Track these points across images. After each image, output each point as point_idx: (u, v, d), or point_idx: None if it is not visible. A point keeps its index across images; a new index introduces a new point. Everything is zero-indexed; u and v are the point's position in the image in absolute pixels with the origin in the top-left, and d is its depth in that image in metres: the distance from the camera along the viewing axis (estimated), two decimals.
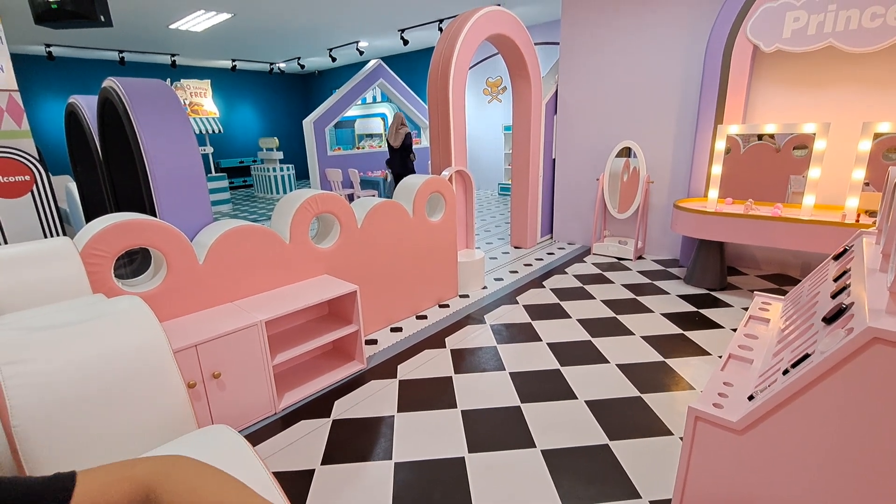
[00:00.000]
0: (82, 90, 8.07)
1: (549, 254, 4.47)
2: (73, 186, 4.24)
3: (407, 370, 2.42)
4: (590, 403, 2.07)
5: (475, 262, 3.46)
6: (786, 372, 1.11)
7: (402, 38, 7.33)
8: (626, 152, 4.29)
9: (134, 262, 2.80)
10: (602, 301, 3.24)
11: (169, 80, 9.12)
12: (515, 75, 4.25)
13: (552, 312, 3.08)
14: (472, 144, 8.25)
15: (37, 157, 3.98)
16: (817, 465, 1.05)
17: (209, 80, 9.71)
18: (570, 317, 3.00)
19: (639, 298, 3.27)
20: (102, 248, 1.74)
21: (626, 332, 2.77)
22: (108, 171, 3.04)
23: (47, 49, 7.81)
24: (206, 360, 1.81)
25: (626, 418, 1.96)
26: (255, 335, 1.95)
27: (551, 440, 1.84)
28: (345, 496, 1.60)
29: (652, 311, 3.04)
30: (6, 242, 3.95)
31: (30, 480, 0.46)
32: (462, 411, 2.05)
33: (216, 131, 9.58)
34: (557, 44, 4.75)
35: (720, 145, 3.45)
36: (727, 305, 3.11)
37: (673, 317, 2.95)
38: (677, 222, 3.43)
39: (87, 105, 3.36)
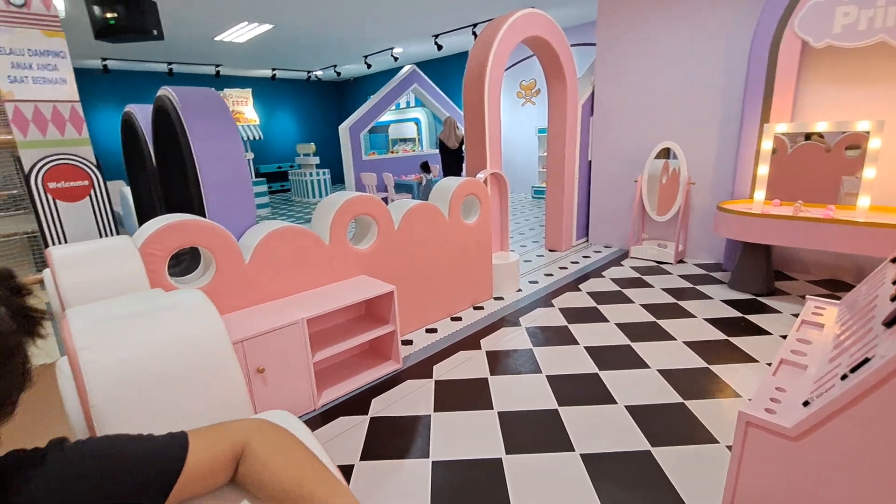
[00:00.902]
0: (134, 100, 8.54)
1: (584, 257, 4.40)
2: (128, 191, 4.50)
3: (442, 371, 2.43)
4: (630, 409, 2.02)
5: (510, 264, 3.45)
6: (844, 377, 1.06)
7: (436, 43, 7.42)
8: (665, 153, 4.18)
9: (181, 264, 2.94)
10: (641, 305, 3.16)
11: (213, 89, 9.54)
12: (551, 77, 4.22)
13: (589, 316, 3.03)
14: (506, 148, 8.22)
15: (95, 163, 4.25)
16: (876, 473, 1.00)
17: (250, 89, 10.10)
18: (608, 321, 2.94)
19: (680, 303, 3.18)
20: (157, 247, 1.84)
21: (667, 336, 2.69)
22: (159, 175, 3.21)
23: (103, 62, 8.33)
24: (252, 355, 1.88)
25: (668, 424, 1.90)
26: (298, 332, 2.01)
27: (591, 444, 1.81)
28: (385, 491, 1.63)
29: (694, 316, 2.95)
30: (66, 243, 4.21)
31: (154, 438, 0.53)
32: (499, 413, 2.04)
33: (256, 138, 9.95)
34: (593, 45, 4.70)
35: (766, 145, 3.32)
36: (775, 311, 2.97)
37: (717, 322, 2.85)
38: (721, 225, 3.31)
39: (142, 113, 3.56)
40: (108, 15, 4.31)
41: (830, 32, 3.01)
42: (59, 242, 4.17)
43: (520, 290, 3.54)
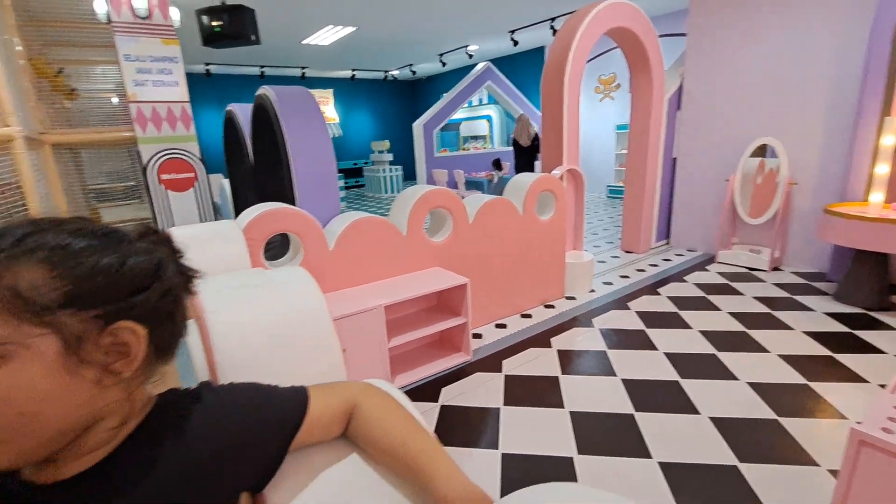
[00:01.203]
0: (232, 101, 9.35)
1: (664, 260, 4.17)
2: (226, 183, 4.94)
3: (512, 366, 2.43)
4: (715, 420, 1.90)
5: (583, 263, 3.35)
6: None
7: (512, 39, 7.36)
8: (761, 151, 3.83)
9: (270, 250, 3.18)
10: (729, 313, 2.94)
11: (303, 87, 10.19)
12: (636, 70, 4.03)
13: (669, 321, 2.87)
14: (581, 145, 7.97)
15: (200, 157, 4.72)
16: None
17: (331, 90, 10.67)
18: (691, 327, 2.77)
19: (775, 313, 2.91)
20: (256, 232, 2.01)
21: (758, 348, 2.48)
22: (255, 168, 3.49)
23: (206, 67, 9.21)
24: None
25: (758, 441, 1.76)
26: (377, 318, 2.10)
27: (669, 453, 1.72)
28: None
29: (791, 329, 2.68)
30: None
31: (281, 388, 0.60)
32: (570, 412, 2.00)
33: (335, 136, 10.47)
34: (683, 35, 4.41)
35: (888, 141, 2.93)
36: (889, 328, 2.63)
37: (819, 336, 2.57)
38: (828, 230, 2.98)
39: (242, 112, 3.90)
40: (215, 23, 4.74)
41: None
42: (170, 227, 4.68)
43: (593, 291, 3.44)
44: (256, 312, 0.85)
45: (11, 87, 3.73)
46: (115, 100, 5.96)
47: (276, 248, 3.10)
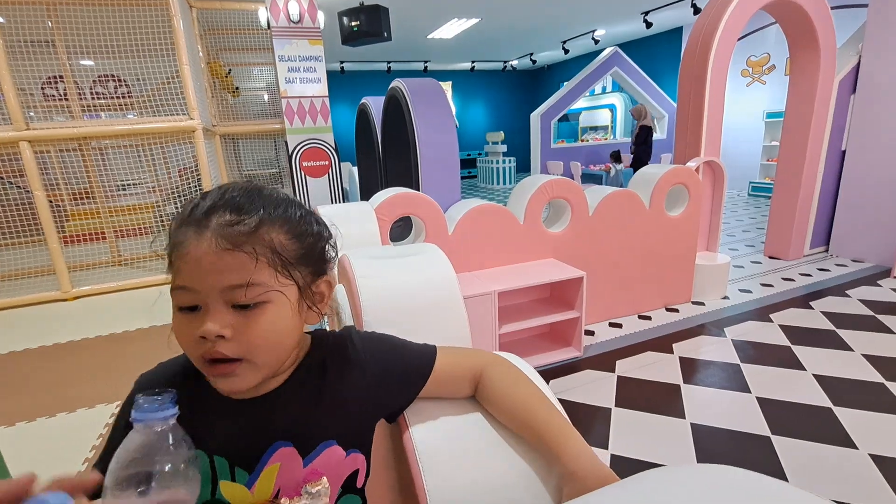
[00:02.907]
0: (362, 95, 10.13)
1: (821, 269, 3.58)
2: (355, 170, 5.40)
3: (626, 367, 2.31)
4: (877, 459, 1.60)
5: (718, 266, 3.03)
6: None
7: (645, 21, 6.82)
8: None
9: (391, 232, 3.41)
10: None
11: (433, 79, 10.65)
12: (798, 48, 3.49)
13: (822, 340, 2.47)
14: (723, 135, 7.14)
15: (334, 147, 5.22)
16: None
17: (450, 82, 10.96)
18: (852, 349, 2.35)
19: None
20: (385, 214, 2.18)
21: None
22: (384, 156, 3.76)
23: (341, 64, 10.06)
24: None
25: None
26: (490, 303, 2.15)
27: (816, 488, 1.50)
28: None
29: None
30: None
31: (414, 343, 0.69)
32: (692, 424, 1.85)
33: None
34: (863, 6, 3.68)
35: None
36: None
37: None
38: None
39: (374, 104, 4.21)
40: (353, 23, 5.17)
41: None
42: None
43: (726, 298, 3.09)
44: (399, 278, 0.95)
45: (196, 87, 4.49)
46: (266, 97, 6.85)
47: (396, 230, 3.33)
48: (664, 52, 8.41)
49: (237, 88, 6.84)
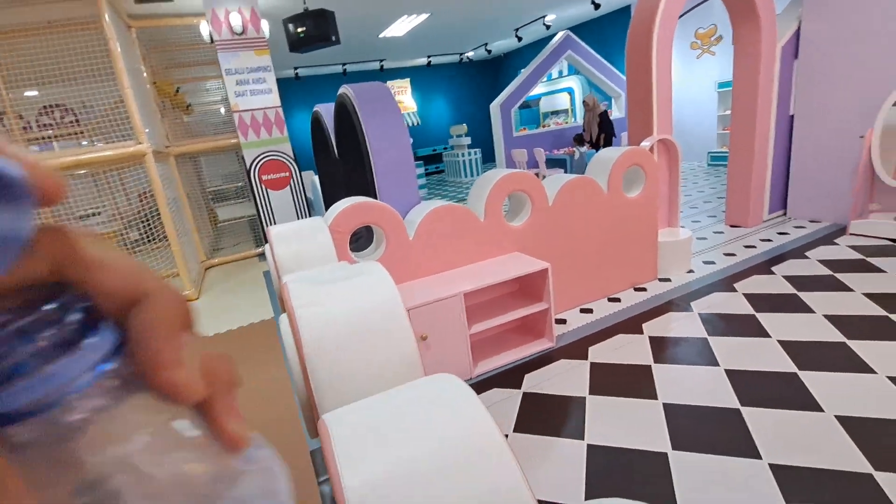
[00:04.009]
0: (319, 100, 9.95)
1: (780, 234, 3.67)
2: (316, 179, 5.29)
3: (599, 353, 2.32)
4: (843, 420, 1.65)
5: (680, 241, 3.07)
6: None
7: (592, 2, 6.86)
8: None
9: (358, 241, 3.35)
10: (864, 294, 2.51)
11: (379, 82, 10.52)
12: (740, 18, 3.54)
13: (786, 304, 2.53)
14: (676, 110, 7.26)
15: (293, 157, 5.10)
16: None
17: (408, 79, 10.85)
18: (814, 311, 2.42)
19: None
20: (342, 226, 2.12)
21: None
22: (340, 163, 3.68)
23: (295, 71, 9.85)
24: (416, 324, 2.06)
25: None
26: (457, 305, 2.13)
27: (784, 455, 1.53)
28: (538, 466, 1.64)
29: None
30: (275, 224, 5.16)
31: None
32: (664, 404, 1.87)
33: (415, 124, 10.68)
34: None
35: None
36: None
37: None
38: None
39: (326, 111, 4.12)
40: (299, 30, 5.04)
41: None
42: (271, 223, 5.15)
43: (691, 272, 3.14)
44: (340, 305, 0.91)
45: (142, 110, 4.31)
46: (222, 110, 6.65)
47: (362, 239, 3.27)
48: (615, 31, 8.49)
49: (189, 105, 6.63)
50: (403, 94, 10.98)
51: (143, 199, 4.81)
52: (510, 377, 2.23)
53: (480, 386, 2.19)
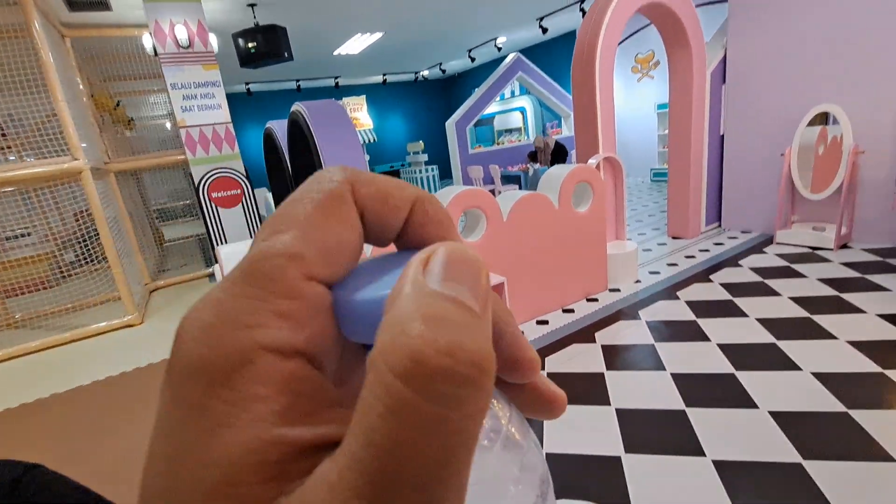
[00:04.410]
0: (272, 116, 9.74)
1: (716, 244, 3.94)
2: (270, 196, 5.17)
3: (555, 363, 2.39)
4: (775, 415, 1.78)
5: (627, 253, 3.23)
6: None
7: (540, 26, 7.20)
8: (822, 119, 3.53)
9: None
10: (790, 298, 2.74)
11: (333, 99, 10.48)
12: (672, 45, 3.83)
13: (723, 310, 2.72)
14: (621, 128, 7.67)
15: (245, 174, 4.96)
16: None
17: (364, 96, 10.88)
18: (747, 315, 2.60)
19: (843, 296, 2.68)
20: None
21: (824, 335, 2.29)
22: (294, 181, 3.63)
23: (247, 86, 9.64)
24: None
25: (826, 436, 1.63)
26: None
27: (725, 451, 1.63)
28: None
29: (863, 312, 2.47)
30: (227, 243, 4.97)
31: None
32: (616, 409, 1.94)
33: (371, 141, 10.68)
34: (724, 1, 4.14)
35: None
36: None
37: None
38: None
39: (279, 127, 4.06)
40: (250, 45, 4.97)
41: None
42: (222, 243, 4.96)
43: (638, 282, 3.31)
44: None
45: (78, 124, 4.08)
46: (168, 125, 6.38)
47: None
48: (562, 55, 8.92)
49: (131, 120, 6.31)
50: (359, 111, 10.97)
51: (80, 218, 4.51)
52: None
53: None
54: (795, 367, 2.06)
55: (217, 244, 4.96)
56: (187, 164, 4.81)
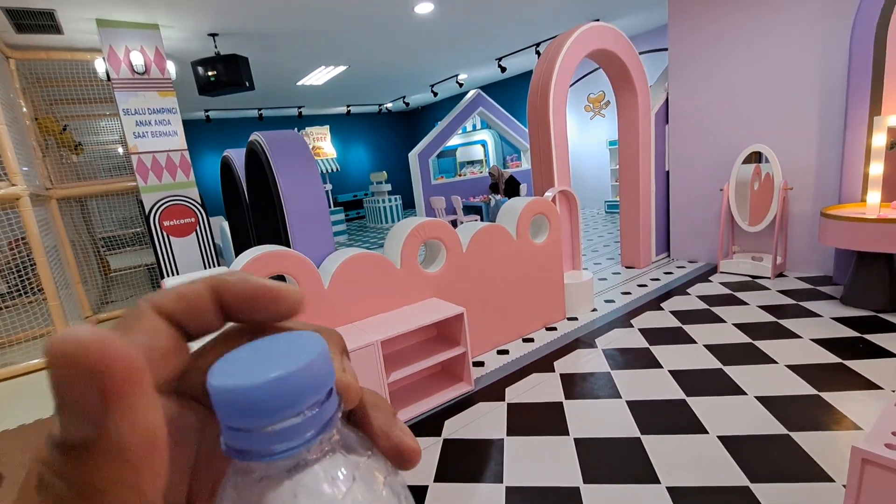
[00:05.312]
0: (232, 144, 9.57)
1: (666, 273, 4.13)
2: (226, 225, 5.02)
3: (515, 393, 2.39)
4: (724, 439, 1.84)
5: (583, 283, 3.33)
6: None
7: (499, 66, 7.53)
8: (756, 157, 3.84)
9: None
10: (734, 325, 2.89)
11: (296, 128, 10.43)
12: (620, 88, 4.10)
13: (673, 337, 2.83)
14: (576, 163, 8.04)
15: (200, 202, 4.81)
16: None
17: (328, 126, 10.90)
18: (696, 342, 2.72)
19: (781, 322, 2.86)
20: None
21: (766, 359, 2.43)
22: (252, 211, 3.55)
23: (206, 113, 9.47)
24: None
25: (770, 458, 1.70)
26: (373, 354, 2.10)
27: (678, 477, 1.67)
28: None
29: (799, 337, 2.63)
30: (178, 273, 4.77)
31: None
32: (575, 439, 1.96)
33: (334, 170, 10.65)
34: (665, 49, 4.50)
35: (879, 140, 2.94)
36: None
37: (828, 343, 2.52)
38: (827, 233, 2.96)
39: (237, 157, 3.99)
40: (210, 73, 4.92)
41: None
42: (173, 273, 4.73)
43: (595, 310, 3.40)
44: None
45: (18, 148, 3.86)
46: (120, 150, 6.12)
47: None
48: (520, 92, 9.33)
49: (79, 144, 6.03)
50: (323, 141, 10.97)
51: (15, 246, 4.21)
52: (431, 424, 2.20)
53: None
54: (741, 392, 2.16)
55: (168, 274, 4.74)
56: (139, 191, 4.62)
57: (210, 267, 4.77)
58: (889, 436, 1.06)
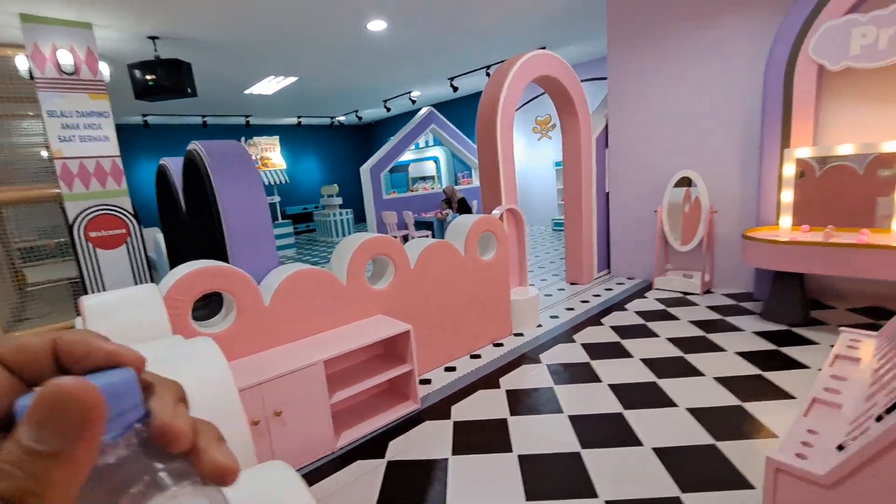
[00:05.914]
0: (172, 152, 9.07)
1: (607, 289, 4.32)
2: (161, 237, 4.72)
3: (461, 411, 2.39)
4: (658, 451, 1.93)
5: (529, 299, 3.41)
6: (880, 418, 0.99)
7: (451, 85, 7.69)
8: (686, 182, 4.13)
9: (210, 305, 3.03)
10: (667, 339, 3.06)
11: (243, 138, 10.07)
12: (563, 112, 4.30)
13: (612, 351, 2.94)
14: (524, 181, 8.31)
15: (132, 212, 4.50)
16: None
17: (277, 137, 10.62)
18: (633, 356, 2.85)
19: (709, 336, 3.05)
20: (182, 294, 1.91)
21: (695, 372, 2.58)
22: (189, 223, 3.37)
23: (144, 118, 8.96)
24: (270, 398, 1.90)
25: (699, 468, 1.80)
26: (316, 374, 2.02)
27: (616, 490, 1.72)
28: None
29: (724, 350, 2.82)
30: (104, 289, 4.42)
31: None
32: (519, 456, 1.98)
33: (283, 182, 10.36)
34: (605, 79, 4.77)
35: (788, 170, 3.25)
36: (812, 343, 2.82)
37: (749, 356, 2.72)
38: (748, 253, 3.22)
39: (174, 166, 3.79)
40: (148, 77, 4.67)
41: (848, 55, 2.98)
42: (98, 288, 4.38)
43: (540, 326, 3.49)
44: None
45: None
46: (44, 153, 5.66)
47: (213, 304, 2.96)
48: (471, 111, 9.55)
49: None
50: (272, 152, 10.65)
51: None
52: (376, 445, 2.15)
53: (343, 460, 2.07)
54: (672, 404, 2.27)
55: (93, 289, 4.38)
56: (60, 199, 4.27)
57: (141, 283, 4.45)
58: (799, 446, 1.15)
